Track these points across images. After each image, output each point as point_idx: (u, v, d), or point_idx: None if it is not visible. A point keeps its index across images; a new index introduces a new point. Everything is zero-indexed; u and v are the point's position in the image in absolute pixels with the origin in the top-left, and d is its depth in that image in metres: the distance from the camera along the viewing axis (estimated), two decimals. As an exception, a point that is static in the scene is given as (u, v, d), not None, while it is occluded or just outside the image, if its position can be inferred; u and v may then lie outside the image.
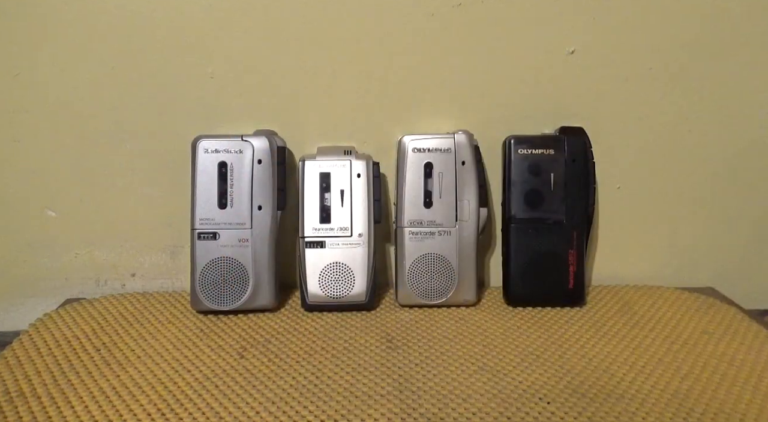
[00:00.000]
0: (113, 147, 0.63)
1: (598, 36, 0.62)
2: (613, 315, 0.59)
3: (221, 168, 0.57)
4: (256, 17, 0.60)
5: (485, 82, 0.63)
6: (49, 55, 0.60)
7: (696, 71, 0.63)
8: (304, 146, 0.63)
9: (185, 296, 0.62)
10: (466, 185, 0.59)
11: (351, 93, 0.63)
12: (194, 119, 0.62)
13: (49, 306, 0.63)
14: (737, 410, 0.43)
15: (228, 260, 0.57)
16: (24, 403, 0.44)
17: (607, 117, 0.64)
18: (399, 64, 0.62)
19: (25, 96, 0.61)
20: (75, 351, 0.51)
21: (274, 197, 0.58)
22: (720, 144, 0.65)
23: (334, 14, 0.60)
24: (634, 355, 0.51)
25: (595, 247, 0.67)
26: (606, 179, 0.65)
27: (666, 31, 0.62)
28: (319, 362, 0.50)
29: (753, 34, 0.62)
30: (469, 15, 0.61)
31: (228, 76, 0.62)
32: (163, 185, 0.64)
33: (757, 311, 0.64)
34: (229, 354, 0.51)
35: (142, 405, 0.44)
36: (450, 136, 0.59)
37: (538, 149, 0.60)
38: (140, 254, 0.66)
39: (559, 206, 0.60)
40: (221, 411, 0.43)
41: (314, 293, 0.58)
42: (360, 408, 0.44)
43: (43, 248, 0.65)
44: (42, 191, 0.63)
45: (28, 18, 0.59)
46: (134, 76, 0.61)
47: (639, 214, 0.67)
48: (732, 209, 0.67)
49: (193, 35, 0.60)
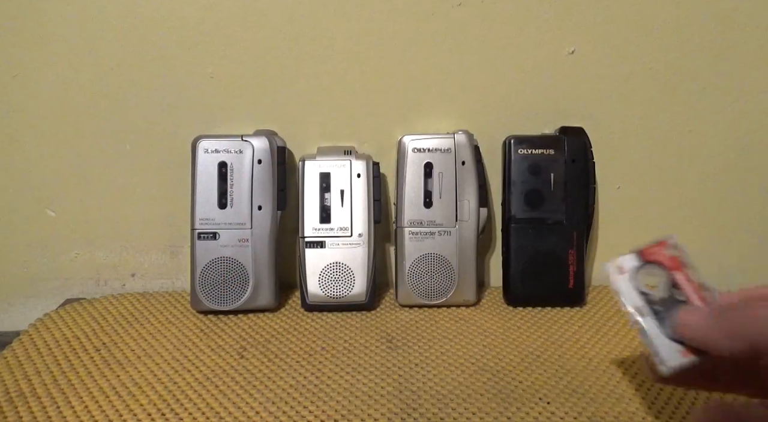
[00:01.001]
0: (113, 147, 0.63)
1: (598, 36, 0.62)
2: (613, 315, 0.59)
3: (221, 168, 0.57)
4: (256, 17, 0.60)
5: (485, 82, 0.63)
6: (49, 55, 0.60)
7: (696, 71, 0.63)
8: (304, 146, 0.63)
9: (185, 296, 0.62)
10: (466, 185, 0.59)
11: (351, 93, 0.63)
12: (194, 119, 0.62)
13: (49, 306, 0.63)
14: (737, 410, 0.43)
15: (228, 260, 0.57)
16: (24, 403, 0.44)
17: (607, 117, 0.64)
18: (399, 64, 0.62)
19: (25, 96, 0.61)
20: (75, 351, 0.51)
21: (274, 197, 0.58)
22: (720, 144, 0.65)
23: (334, 14, 0.60)
24: (634, 355, 0.51)
25: (595, 247, 0.67)
26: (606, 179, 0.65)
27: (666, 31, 0.62)
28: (319, 362, 0.50)
29: (753, 33, 0.62)
30: (469, 15, 0.61)
31: (228, 76, 0.62)
32: (163, 185, 0.64)
33: (757, 311, 0.64)
34: (229, 354, 0.51)
35: (142, 405, 0.44)
36: (450, 136, 0.59)
37: (538, 149, 0.60)
38: (140, 254, 0.66)
39: (559, 206, 0.60)
40: (221, 411, 0.43)
41: (314, 293, 0.58)
42: (360, 408, 0.44)
43: (43, 248, 0.65)
44: (42, 191, 0.63)
45: (27, 18, 0.59)
46: (134, 76, 0.61)
47: (639, 214, 0.67)
48: (732, 209, 0.67)
49: (193, 35, 0.60)
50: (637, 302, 0.30)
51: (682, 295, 0.29)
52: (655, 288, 0.30)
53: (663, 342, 0.29)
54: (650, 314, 0.30)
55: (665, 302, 0.30)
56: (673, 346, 0.28)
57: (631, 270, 0.31)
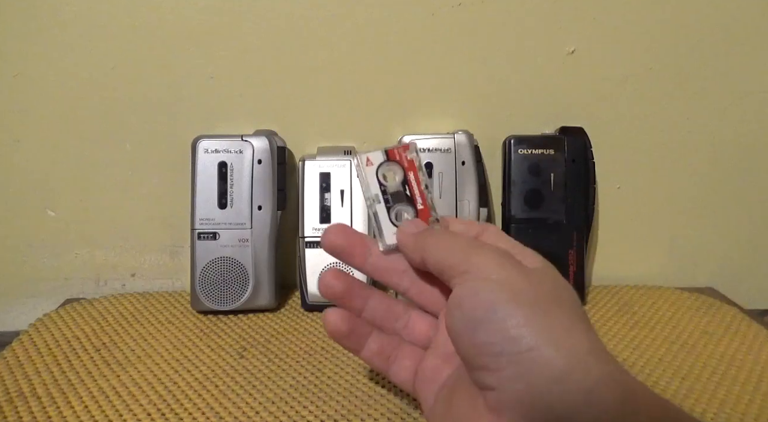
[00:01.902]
0: (113, 147, 0.63)
1: (598, 36, 0.62)
2: (613, 315, 0.59)
3: (221, 168, 0.57)
4: (256, 17, 0.60)
5: (485, 82, 0.63)
6: (49, 54, 0.60)
7: (696, 71, 0.63)
8: (304, 146, 0.63)
9: (185, 296, 0.62)
10: (466, 185, 0.59)
11: (351, 93, 0.63)
12: (194, 119, 0.62)
13: (49, 306, 0.63)
14: (737, 410, 0.43)
15: (228, 260, 0.57)
16: (24, 403, 0.44)
17: (607, 117, 0.64)
18: (399, 64, 0.62)
19: (25, 96, 0.61)
20: (75, 351, 0.51)
21: (274, 197, 0.58)
22: (720, 144, 0.65)
23: (334, 14, 0.60)
24: (634, 355, 0.51)
25: (595, 247, 0.67)
26: (606, 179, 0.65)
27: (666, 31, 0.62)
28: (319, 362, 0.50)
29: (753, 33, 0.62)
30: (469, 15, 0.61)
31: (228, 76, 0.62)
32: (163, 185, 0.64)
33: (757, 311, 0.64)
34: (229, 354, 0.51)
35: (142, 405, 0.44)
36: (450, 136, 0.59)
37: (538, 149, 0.60)
38: (140, 254, 0.66)
39: (559, 206, 0.60)
40: (221, 411, 0.43)
41: (314, 293, 0.58)
42: (360, 408, 0.44)
43: (43, 248, 0.65)
44: (42, 191, 0.63)
45: (27, 18, 0.59)
46: (134, 76, 0.61)
47: (639, 214, 0.67)
48: (732, 209, 0.67)
49: (193, 35, 0.60)
50: (377, 191, 0.37)
51: (409, 192, 0.37)
52: (391, 182, 0.37)
53: (387, 225, 0.36)
54: (382, 202, 0.37)
55: (396, 196, 0.37)
56: (392, 230, 0.36)
57: (377, 164, 0.37)
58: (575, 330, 0.28)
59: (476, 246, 0.32)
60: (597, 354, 0.27)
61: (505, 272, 0.30)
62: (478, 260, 0.31)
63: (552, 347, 0.27)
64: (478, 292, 0.29)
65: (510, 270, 0.30)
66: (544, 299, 0.29)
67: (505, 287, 0.29)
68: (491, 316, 0.28)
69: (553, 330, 0.27)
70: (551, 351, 0.27)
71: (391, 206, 0.36)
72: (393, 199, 0.37)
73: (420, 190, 0.37)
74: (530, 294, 0.29)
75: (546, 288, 0.30)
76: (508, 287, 0.29)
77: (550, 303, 0.29)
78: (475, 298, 0.29)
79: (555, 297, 0.30)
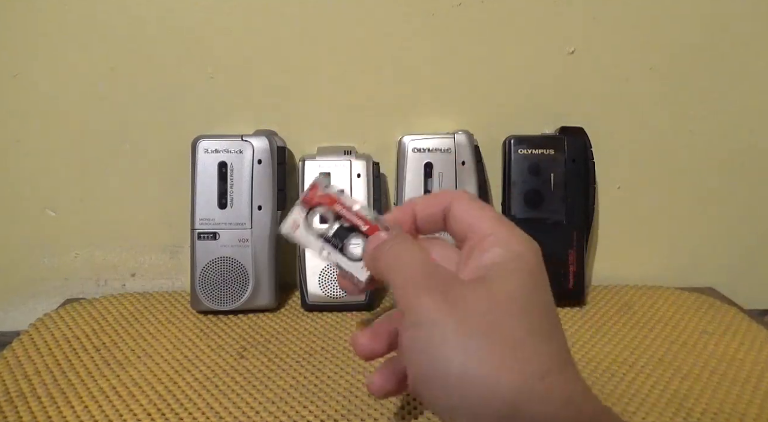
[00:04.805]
0: (113, 147, 0.63)
1: (598, 36, 0.62)
2: (613, 315, 0.59)
3: (221, 168, 0.57)
4: (256, 17, 0.60)
5: (485, 82, 0.63)
6: (49, 55, 0.60)
7: (696, 71, 0.63)
8: (304, 146, 0.63)
9: (185, 296, 0.62)
10: (466, 185, 0.59)
11: (351, 93, 0.63)
12: (194, 119, 0.62)
13: (49, 306, 0.63)
14: (737, 410, 0.43)
15: (228, 260, 0.57)
16: (24, 403, 0.44)
17: (607, 117, 0.64)
18: (399, 64, 0.62)
19: (25, 96, 0.61)
20: (75, 351, 0.51)
21: (274, 197, 0.58)
22: (720, 144, 0.65)
23: (333, 14, 0.60)
24: (634, 355, 0.51)
25: (595, 247, 0.67)
26: (606, 179, 0.65)
27: (666, 31, 0.62)
28: (319, 362, 0.50)
29: (754, 34, 0.62)
30: (469, 15, 0.61)
31: (228, 76, 0.62)
32: (163, 185, 0.64)
33: (757, 311, 0.64)
34: (229, 354, 0.51)
35: (142, 405, 0.44)
36: (450, 136, 0.59)
37: (538, 149, 0.60)
38: (140, 254, 0.66)
39: (559, 206, 0.60)
40: (221, 411, 0.43)
41: (314, 293, 0.58)
42: (360, 408, 0.44)
43: (43, 248, 0.65)
44: (42, 191, 0.63)
45: (27, 18, 0.59)
46: (134, 76, 0.61)
47: (639, 214, 0.67)
48: (732, 210, 0.67)
49: (193, 35, 0.60)
50: (319, 245, 0.35)
51: (347, 222, 0.35)
52: (327, 225, 0.35)
53: (350, 264, 0.35)
54: (332, 249, 0.35)
55: (339, 234, 0.35)
56: (358, 265, 0.34)
57: (301, 221, 0.36)
58: (526, 347, 0.26)
59: (411, 284, 0.29)
60: (554, 376, 0.26)
61: (439, 313, 0.27)
62: (412, 302, 0.28)
63: (492, 377, 0.25)
64: (415, 343, 0.28)
65: (442, 305, 0.27)
66: (486, 319, 0.27)
67: (438, 328, 0.27)
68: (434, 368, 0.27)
69: (494, 355, 0.26)
70: (492, 382, 0.25)
71: (342, 245, 0.35)
72: (339, 238, 0.35)
73: (355, 213, 0.35)
74: (471, 323, 0.27)
75: (495, 301, 0.28)
76: (440, 328, 0.27)
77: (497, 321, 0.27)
78: (415, 354, 0.28)
79: (506, 311, 0.28)
